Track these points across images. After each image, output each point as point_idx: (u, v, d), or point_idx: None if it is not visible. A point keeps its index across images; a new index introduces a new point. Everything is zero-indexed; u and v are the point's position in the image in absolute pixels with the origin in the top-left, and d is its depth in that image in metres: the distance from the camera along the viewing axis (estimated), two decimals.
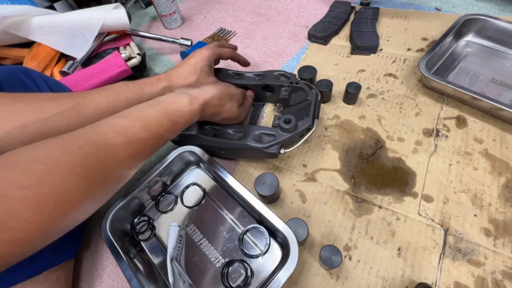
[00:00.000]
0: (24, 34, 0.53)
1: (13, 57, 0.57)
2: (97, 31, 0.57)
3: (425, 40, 0.58)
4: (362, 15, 0.63)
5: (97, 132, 0.26)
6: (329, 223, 0.39)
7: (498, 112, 0.42)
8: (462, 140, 0.43)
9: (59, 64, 0.57)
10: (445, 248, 0.35)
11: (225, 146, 0.42)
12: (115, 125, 0.28)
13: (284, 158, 0.46)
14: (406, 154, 0.43)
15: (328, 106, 0.51)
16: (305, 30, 0.67)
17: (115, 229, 0.37)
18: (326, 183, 0.42)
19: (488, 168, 0.40)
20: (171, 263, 0.34)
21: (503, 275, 0.32)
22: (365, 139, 0.46)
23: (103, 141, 0.26)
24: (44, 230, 0.21)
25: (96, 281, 0.40)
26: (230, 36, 0.72)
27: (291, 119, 0.40)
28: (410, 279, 0.33)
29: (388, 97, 0.50)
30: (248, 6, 0.80)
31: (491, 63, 0.51)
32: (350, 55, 0.59)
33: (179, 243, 0.36)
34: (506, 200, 0.37)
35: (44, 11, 0.57)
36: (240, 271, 0.35)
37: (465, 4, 0.63)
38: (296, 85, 0.46)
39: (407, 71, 0.53)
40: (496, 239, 0.34)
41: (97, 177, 0.25)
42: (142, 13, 0.90)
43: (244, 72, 0.51)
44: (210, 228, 0.39)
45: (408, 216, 0.38)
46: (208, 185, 0.43)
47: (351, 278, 0.34)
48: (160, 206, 0.42)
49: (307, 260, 0.36)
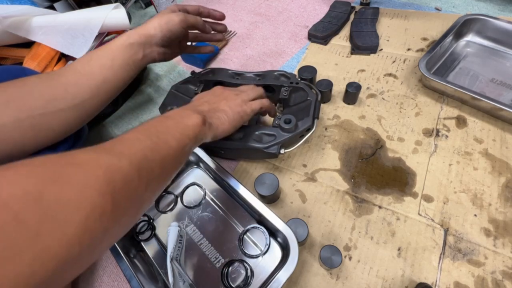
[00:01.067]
0: (24, 34, 0.53)
1: (13, 57, 0.57)
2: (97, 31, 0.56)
3: (425, 40, 0.58)
4: (362, 15, 0.63)
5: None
6: (329, 223, 0.39)
7: (498, 112, 0.42)
8: (462, 140, 0.43)
9: (59, 64, 0.57)
10: (445, 248, 0.35)
11: (225, 146, 0.42)
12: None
13: (284, 158, 0.46)
14: (406, 154, 0.43)
15: (328, 106, 0.51)
16: (305, 30, 0.67)
17: None
18: (326, 183, 0.42)
19: (488, 168, 0.40)
20: (171, 263, 0.34)
21: (503, 275, 0.32)
22: (365, 139, 0.46)
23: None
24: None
25: (96, 281, 0.40)
26: (230, 36, 0.72)
27: (291, 119, 0.40)
28: (410, 279, 0.33)
29: (388, 97, 0.50)
30: (248, 6, 0.80)
31: (491, 63, 0.51)
32: (350, 55, 0.59)
33: (179, 243, 0.36)
34: (506, 200, 0.37)
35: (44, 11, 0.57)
36: (240, 271, 0.35)
37: (465, 4, 0.63)
38: (296, 85, 0.46)
39: (407, 71, 0.53)
40: (496, 239, 0.34)
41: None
42: (142, 13, 0.91)
43: (244, 72, 0.51)
44: (210, 228, 0.39)
45: (408, 216, 0.38)
46: (208, 185, 0.43)
47: (351, 278, 0.34)
48: (160, 206, 0.42)
49: (307, 260, 0.36)
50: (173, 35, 0.41)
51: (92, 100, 0.36)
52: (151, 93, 0.64)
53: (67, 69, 0.36)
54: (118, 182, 0.20)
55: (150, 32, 0.39)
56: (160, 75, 0.68)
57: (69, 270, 0.17)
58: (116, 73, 0.37)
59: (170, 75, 0.67)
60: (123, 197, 0.20)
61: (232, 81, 0.49)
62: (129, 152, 0.22)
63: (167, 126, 0.28)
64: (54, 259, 0.15)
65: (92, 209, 0.17)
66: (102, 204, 0.18)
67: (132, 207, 0.22)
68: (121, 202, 0.20)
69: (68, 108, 0.33)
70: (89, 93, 0.35)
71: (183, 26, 0.41)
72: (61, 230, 0.16)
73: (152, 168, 0.23)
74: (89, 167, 0.19)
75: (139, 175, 0.22)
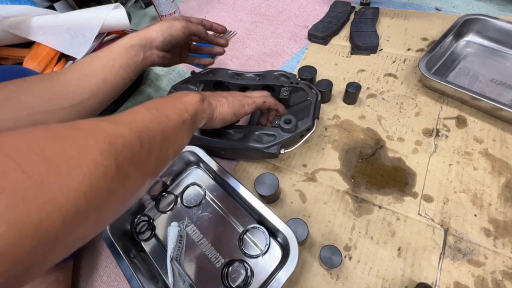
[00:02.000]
0: (24, 34, 0.53)
1: (13, 57, 0.57)
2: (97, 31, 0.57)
3: (425, 40, 0.58)
4: (362, 15, 0.63)
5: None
6: (329, 223, 0.39)
7: (498, 112, 0.42)
8: (462, 140, 0.43)
9: (59, 64, 0.57)
10: (445, 248, 0.35)
11: (225, 146, 0.42)
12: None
13: (284, 158, 0.46)
14: (406, 154, 0.43)
15: (328, 106, 0.51)
16: (305, 30, 0.67)
17: (115, 229, 0.37)
18: (326, 183, 0.42)
19: (488, 168, 0.40)
20: (171, 263, 0.34)
21: (503, 275, 0.32)
22: (365, 139, 0.46)
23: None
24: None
25: (96, 281, 0.40)
26: (230, 36, 0.72)
27: (291, 119, 0.40)
28: (410, 279, 0.33)
29: (388, 97, 0.50)
30: (248, 6, 0.80)
31: (491, 63, 0.51)
32: (350, 55, 0.59)
33: (179, 243, 0.36)
34: (506, 200, 0.37)
35: (44, 11, 0.57)
36: (240, 271, 0.35)
37: (465, 4, 0.63)
38: (296, 85, 0.46)
39: (407, 71, 0.53)
40: (496, 239, 0.34)
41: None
42: (142, 13, 0.90)
43: (244, 72, 0.51)
44: (210, 228, 0.39)
45: (408, 216, 0.38)
46: (208, 185, 0.43)
47: (351, 278, 0.34)
48: (160, 206, 0.42)
49: (307, 260, 0.36)
50: (174, 40, 0.41)
51: (92, 100, 0.36)
52: (151, 93, 0.64)
53: (67, 69, 0.36)
54: (119, 145, 0.20)
55: (152, 35, 0.40)
56: (160, 75, 0.68)
57: (77, 229, 0.17)
58: (117, 74, 0.37)
59: (170, 75, 0.67)
60: (126, 159, 0.20)
61: (232, 81, 0.49)
62: (130, 121, 0.23)
63: (166, 101, 0.29)
64: (60, 210, 0.15)
65: (95, 166, 0.18)
66: (105, 163, 0.18)
67: (137, 172, 0.22)
68: (124, 163, 0.20)
69: (68, 107, 0.34)
70: (89, 93, 0.35)
71: (185, 32, 0.41)
72: (65, 182, 0.16)
73: (153, 136, 0.24)
74: (90, 131, 0.20)
75: (141, 142, 0.22)
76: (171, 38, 0.41)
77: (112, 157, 0.19)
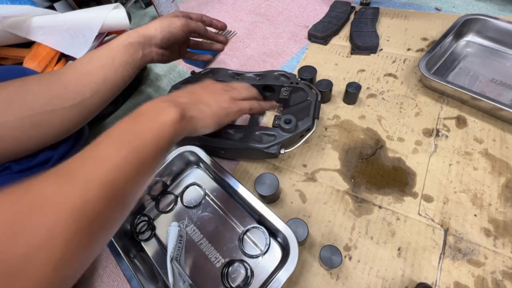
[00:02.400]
0: (24, 34, 0.53)
1: (13, 57, 0.57)
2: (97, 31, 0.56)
3: (425, 40, 0.57)
4: (362, 15, 0.63)
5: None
6: (329, 223, 0.39)
7: (498, 112, 0.42)
8: (462, 140, 0.43)
9: (59, 64, 0.57)
10: (445, 248, 0.35)
11: (225, 146, 0.42)
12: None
13: (284, 158, 0.46)
14: (406, 154, 0.43)
15: (328, 106, 0.51)
16: (305, 30, 0.67)
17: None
18: (326, 183, 0.42)
19: (488, 168, 0.40)
20: (171, 263, 0.34)
21: (503, 275, 0.32)
22: (365, 139, 0.46)
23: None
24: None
25: (96, 281, 0.40)
26: (230, 36, 0.72)
27: (291, 119, 0.40)
28: (410, 279, 0.33)
29: (388, 97, 0.50)
30: (248, 6, 0.80)
31: (491, 63, 0.51)
32: (350, 55, 0.59)
33: (179, 243, 0.36)
34: (506, 200, 0.37)
35: (44, 11, 0.57)
36: (240, 271, 0.35)
37: (465, 4, 0.63)
38: (296, 85, 0.46)
39: (407, 71, 0.53)
40: (496, 239, 0.34)
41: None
42: (142, 13, 0.90)
43: (244, 72, 0.51)
44: (210, 228, 0.39)
45: (408, 216, 0.38)
46: (208, 185, 0.43)
47: (351, 278, 0.34)
48: (160, 206, 0.42)
49: (307, 260, 0.36)
50: (173, 37, 0.41)
51: (93, 99, 0.36)
52: (151, 93, 0.64)
53: (67, 68, 0.36)
54: (89, 213, 0.20)
55: (150, 33, 0.39)
56: (160, 75, 0.68)
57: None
58: (116, 72, 0.37)
59: (170, 75, 0.67)
60: (96, 225, 0.20)
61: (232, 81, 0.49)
62: (98, 174, 0.21)
63: (139, 127, 0.26)
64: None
65: (64, 249, 0.18)
66: (75, 240, 0.19)
67: (106, 228, 0.22)
68: (93, 229, 0.20)
69: (69, 107, 0.34)
70: (89, 92, 0.35)
71: (184, 30, 0.41)
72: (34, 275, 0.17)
73: (126, 182, 0.23)
74: (56, 206, 0.19)
75: (110, 199, 0.21)
76: (170, 36, 0.41)
77: (80, 232, 0.19)
